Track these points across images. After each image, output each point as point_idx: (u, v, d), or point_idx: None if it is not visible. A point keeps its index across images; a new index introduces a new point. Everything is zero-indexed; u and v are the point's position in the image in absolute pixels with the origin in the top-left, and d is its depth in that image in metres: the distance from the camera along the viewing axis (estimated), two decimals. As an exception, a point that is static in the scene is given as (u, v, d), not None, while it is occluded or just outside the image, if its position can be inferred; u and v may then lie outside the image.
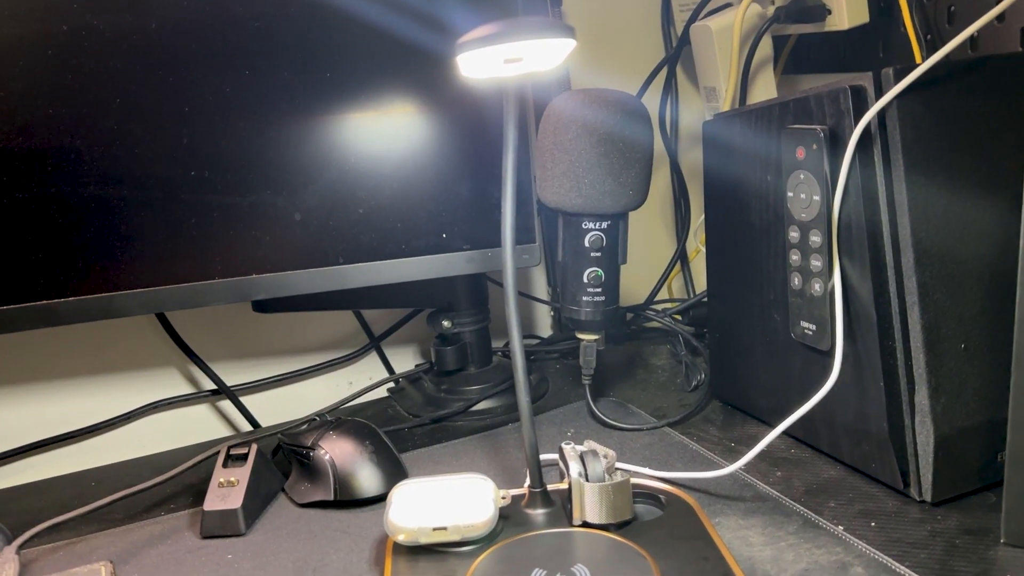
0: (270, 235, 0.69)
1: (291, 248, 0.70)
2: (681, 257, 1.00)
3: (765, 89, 0.86)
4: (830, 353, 0.59)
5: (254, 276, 0.69)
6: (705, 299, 0.86)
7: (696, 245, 0.99)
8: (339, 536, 0.58)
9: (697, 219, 0.99)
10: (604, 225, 0.68)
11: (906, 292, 0.55)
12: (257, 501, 0.62)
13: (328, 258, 0.71)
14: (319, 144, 0.69)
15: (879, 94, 0.53)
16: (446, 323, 0.81)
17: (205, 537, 0.59)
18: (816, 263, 0.59)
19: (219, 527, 0.59)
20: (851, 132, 0.54)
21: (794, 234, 0.60)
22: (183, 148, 0.66)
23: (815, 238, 0.58)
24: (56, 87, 0.63)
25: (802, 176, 0.59)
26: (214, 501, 0.60)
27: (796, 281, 0.61)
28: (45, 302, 0.64)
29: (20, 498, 0.70)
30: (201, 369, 0.81)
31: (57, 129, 0.63)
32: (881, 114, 0.54)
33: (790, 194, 0.60)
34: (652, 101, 0.94)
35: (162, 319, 0.79)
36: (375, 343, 0.90)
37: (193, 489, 0.67)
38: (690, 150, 0.99)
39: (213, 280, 0.68)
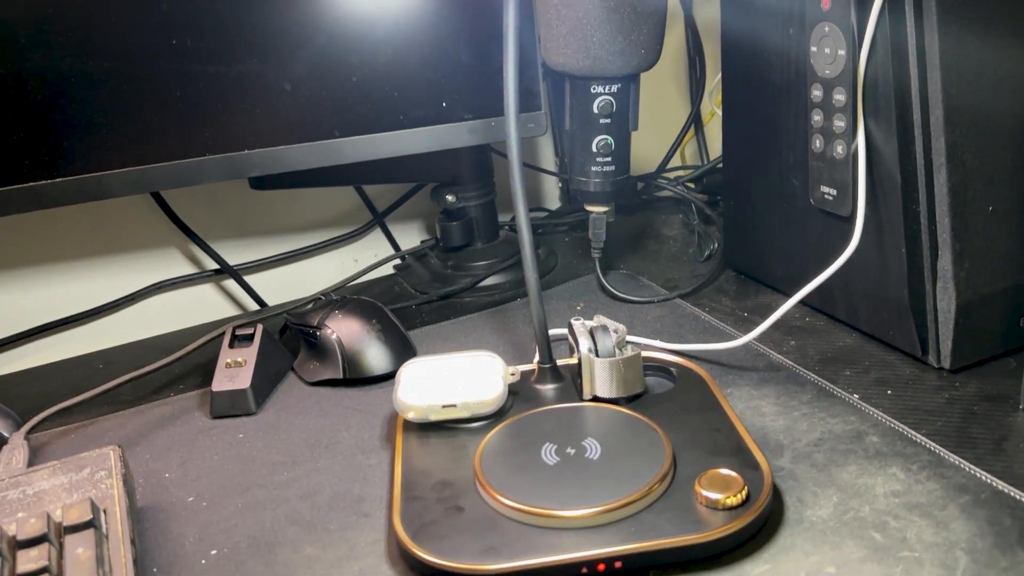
0: (260, 107, 0.65)
1: (283, 121, 0.66)
2: (695, 121, 0.96)
3: (787, -66, 0.80)
4: (851, 219, 0.56)
5: (246, 152, 0.66)
6: (720, 165, 0.83)
7: (711, 108, 0.95)
8: (350, 413, 0.58)
9: (713, 79, 0.94)
10: (614, 89, 0.65)
11: (933, 153, 0.52)
12: (266, 381, 0.62)
13: (323, 131, 0.67)
14: (305, 5, 0.65)
15: (915, -67, 0.49)
16: (450, 198, 0.78)
17: (215, 417, 0.59)
18: (839, 123, 0.55)
19: (229, 407, 0.59)
20: (883, -23, 0.50)
21: (816, 93, 0.57)
22: (162, 15, 0.62)
23: (839, 96, 0.55)
24: (20, -50, 0.58)
25: (827, 29, 0.55)
26: (222, 382, 0.60)
27: (817, 143, 0.58)
28: (32, 184, 0.61)
29: (27, 383, 0.70)
30: (203, 249, 0.80)
31: (27, -2, 0.59)
32: (916, -44, 0.49)
33: (813, 49, 0.56)
34: (664, -48, 0.88)
35: (159, 199, 0.77)
36: (379, 219, 0.88)
37: (201, 369, 0.67)
38: (706, 3, 0.93)
39: (204, 156, 0.65)
